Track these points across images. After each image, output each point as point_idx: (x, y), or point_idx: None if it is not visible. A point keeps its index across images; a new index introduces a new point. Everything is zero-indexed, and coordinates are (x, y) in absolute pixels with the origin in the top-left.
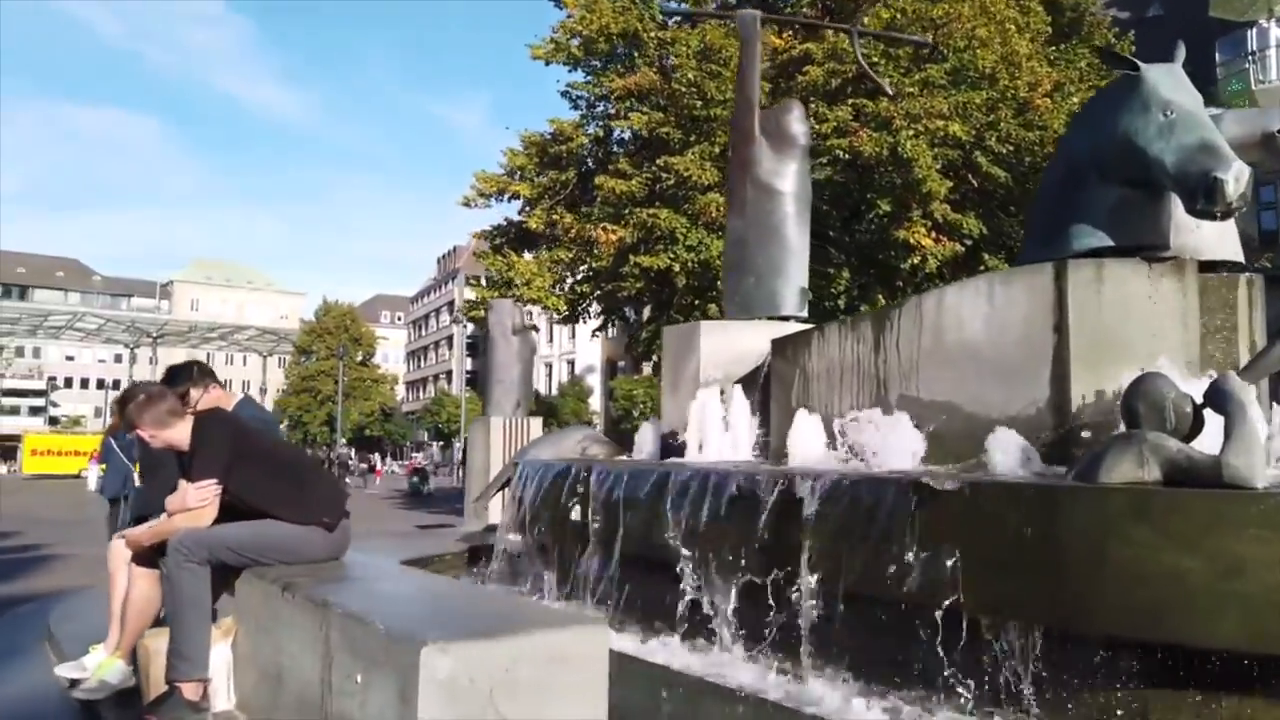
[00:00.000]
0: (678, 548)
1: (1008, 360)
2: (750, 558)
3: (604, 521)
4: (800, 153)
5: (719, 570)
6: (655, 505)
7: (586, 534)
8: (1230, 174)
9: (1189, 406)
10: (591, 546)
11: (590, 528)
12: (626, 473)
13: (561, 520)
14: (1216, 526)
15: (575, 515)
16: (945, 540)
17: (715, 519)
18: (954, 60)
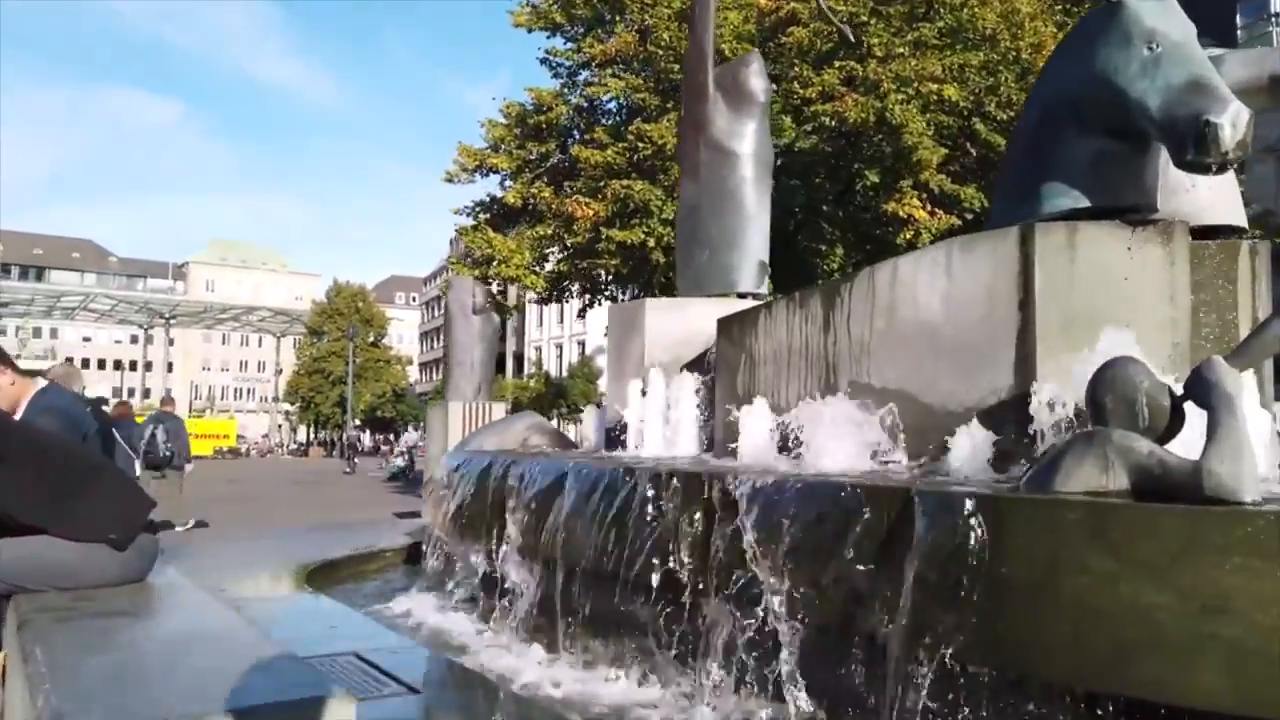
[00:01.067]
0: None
1: (967, 341)
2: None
3: (525, 523)
4: (760, 110)
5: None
6: (548, 506)
7: (505, 535)
8: (1226, 117)
9: (1166, 399)
10: (507, 550)
11: (507, 530)
12: (539, 469)
13: (480, 519)
14: (1192, 552)
15: (497, 513)
16: (869, 558)
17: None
18: (949, 19)
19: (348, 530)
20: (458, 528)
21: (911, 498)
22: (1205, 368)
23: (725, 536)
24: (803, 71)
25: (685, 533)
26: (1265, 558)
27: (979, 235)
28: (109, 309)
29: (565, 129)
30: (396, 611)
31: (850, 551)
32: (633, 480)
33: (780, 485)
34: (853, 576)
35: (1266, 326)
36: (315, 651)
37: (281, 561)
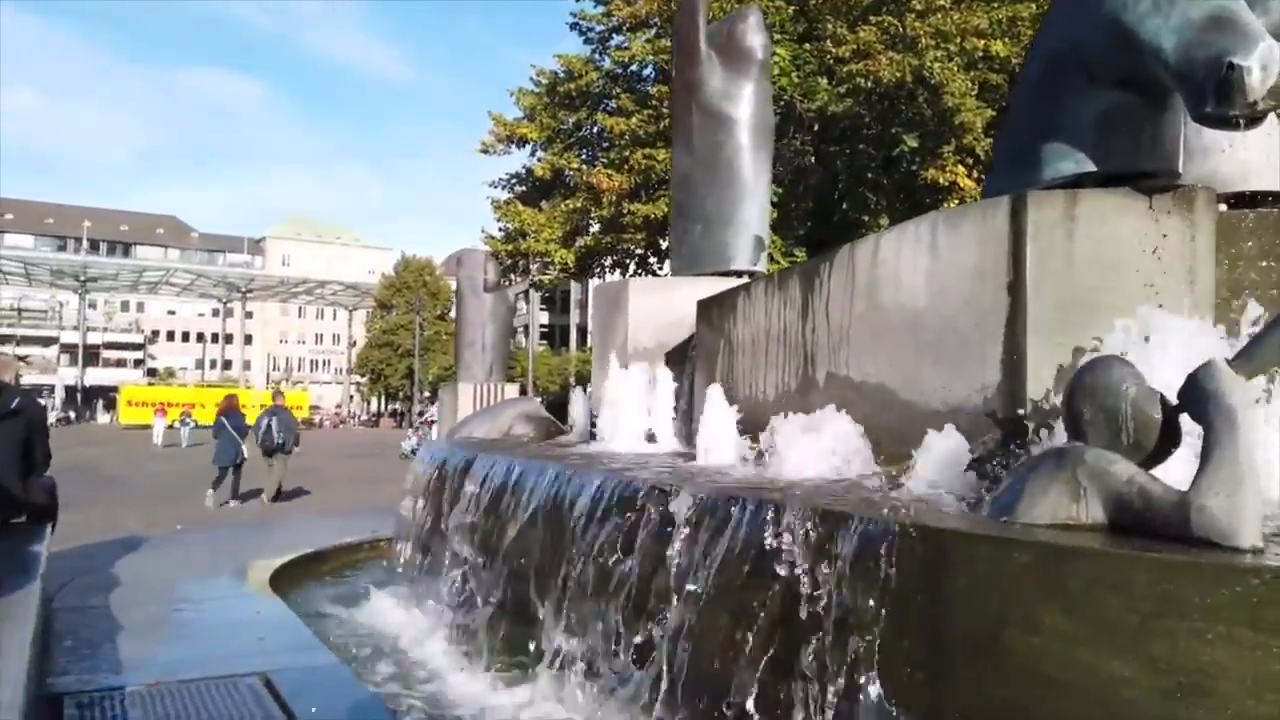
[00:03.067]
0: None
1: (952, 330)
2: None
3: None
4: (758, 70)
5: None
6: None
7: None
8: (1254, 59)
9: (1157, 411)
10: (460, 550)
11: (464, 528)
12: (495, 466)
13: (436, 515)
14: (1168, 614)
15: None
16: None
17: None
18: None
19: (348, 518)
20: (421, 521)
21: (838, 523)
22: (1204, 374)
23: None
24: (836, 29)
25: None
26: (1259, 628)
27: (968, 207)
28: (189, 283)
29: (597, 97)
30: (358, 613)
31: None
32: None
33: (702, 504)
34: (769, 609)
35: (1277, 325)
36: (222, 671)
37: (263, 553)
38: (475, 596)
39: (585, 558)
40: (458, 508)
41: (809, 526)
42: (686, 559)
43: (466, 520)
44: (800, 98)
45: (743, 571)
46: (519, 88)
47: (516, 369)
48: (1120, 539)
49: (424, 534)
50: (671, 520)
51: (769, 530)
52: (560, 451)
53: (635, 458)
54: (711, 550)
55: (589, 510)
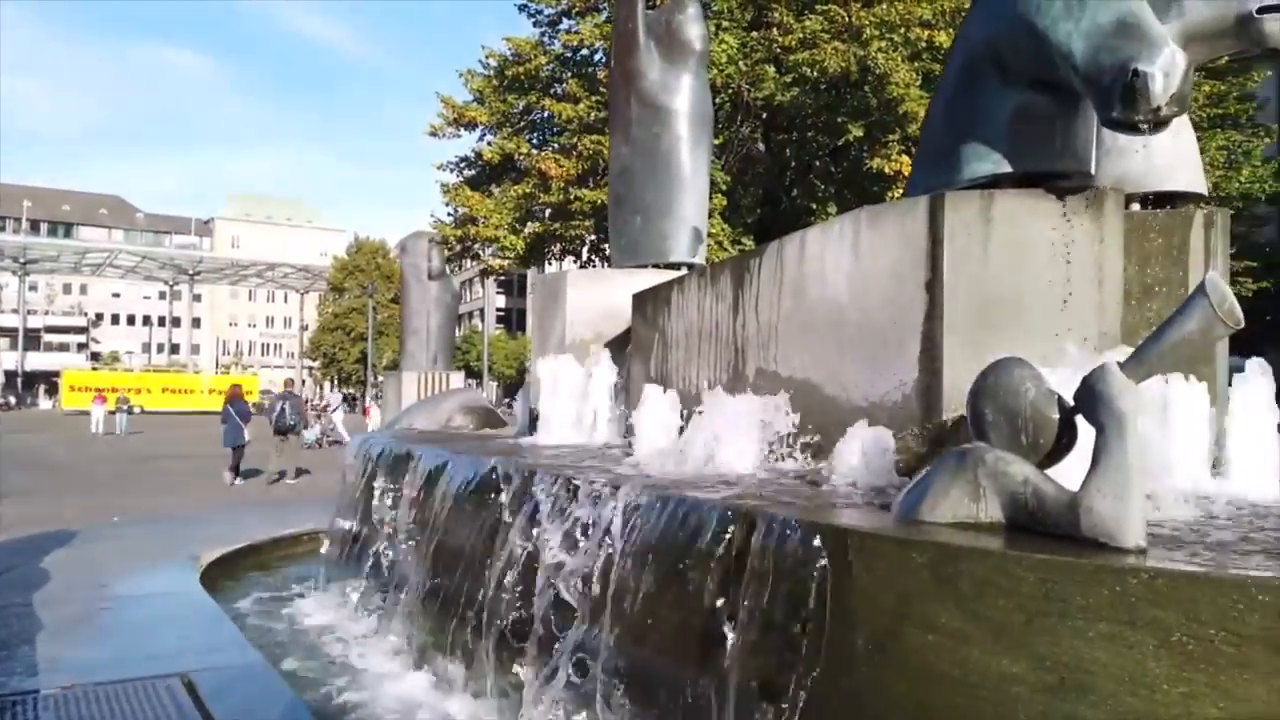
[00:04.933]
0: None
1: (873, 327)
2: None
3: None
4: (696, 61)
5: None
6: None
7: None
8: (1158, 65)
9: (1055, 411)
10: (390, 541)
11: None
12: (423, 459)
13: (366, 506)
14: (1050, 613)
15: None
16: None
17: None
18: None
19: (285, 509)
20: (351, 511)
21: (753, 521)
22: (1097, 377)
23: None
24: (784, 18)
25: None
26: (1136, 626)
27: (889, 206)
28: (134, 265)
29: (546, 81)
30: (288, 608)
31: (691, 578)
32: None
33: (623, 505)
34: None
35: (1169, 328)
36: (141, 673)
37: (193, 546)
38: (398, 585)
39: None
40: (375, 499)
41: (721, 525)
42: (613, 555)
43: (383, 510)
44: (748, 86)
45: (663, 567)
46: (468, 70)
47: (472, 353)
48: (1014, 539)
49: (352, 525)
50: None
51: (682, 527)
52: (487, 445)
53: (561, 450)
54: (633, 548)
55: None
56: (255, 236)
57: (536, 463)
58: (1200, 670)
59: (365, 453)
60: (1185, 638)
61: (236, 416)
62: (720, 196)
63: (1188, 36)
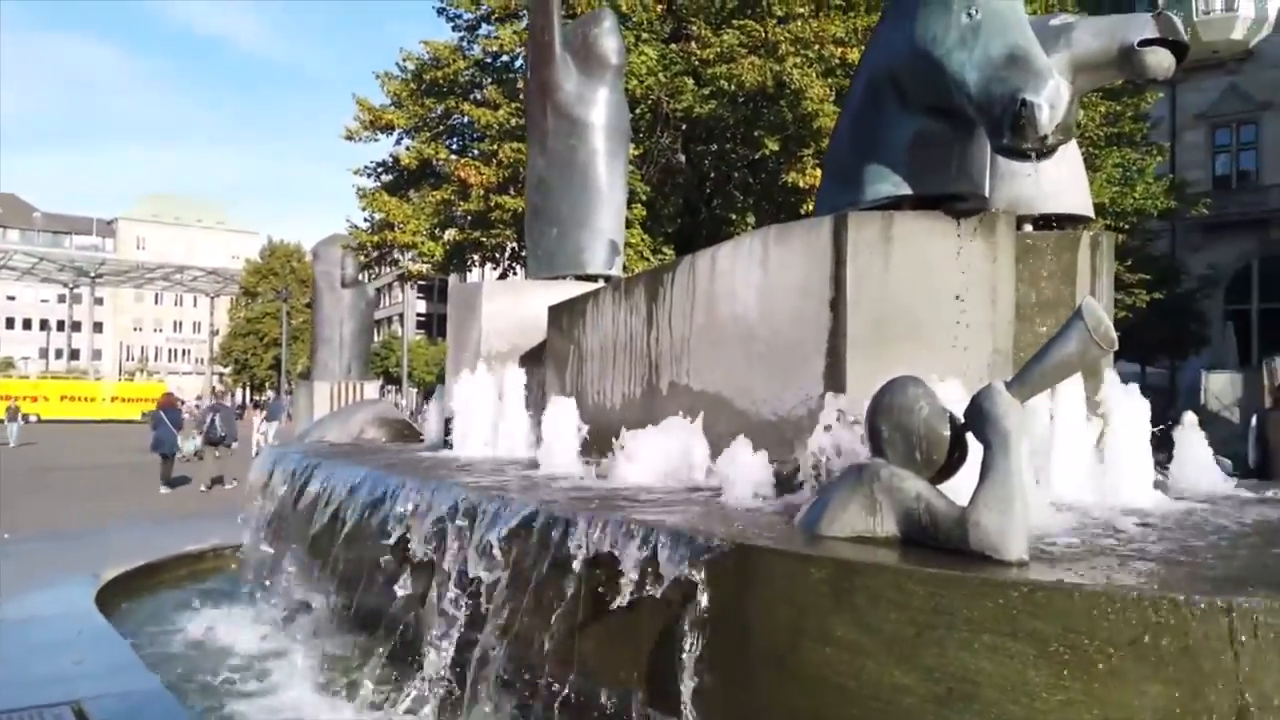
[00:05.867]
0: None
1: (781, 343)
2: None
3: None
4: (613, 74)
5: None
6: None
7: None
8: (1044, 96)
9: (946, 428)
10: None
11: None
12: (328, 474)
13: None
14: (938, 626)
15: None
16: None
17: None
18: None
19: (186, 523)
20: (260, 528)
21: (655, 537)
22: (984, 397)
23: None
24: (702, 31)
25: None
26: (1018, 637)
27: (796, 224)
28: (31, 266)
29: (465, 86)
30: (190, 627)
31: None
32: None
33: (494, 515)
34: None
35: (1049, 349)
36: (28, 701)
37: (91, 563)
38: (307, 604)
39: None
40: (283, 515)
41: (620, 540)
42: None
43: (291, 527)
44: (667, 98)
45: (556, 580)
46: (385, 72)
47: (391, 359)
48: (907, 553)
49: (261, 543)
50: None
51: (574, 542)
52: (392, 458)
53: (472, 464)
54: (523, 565)
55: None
56: (163, 238)
57: (443, 479)
58: (1076, 679)
59: (274, 467)
60: (1062, 648)
61: (169, 424)
62: (640, 207)
63: (1077, 66)
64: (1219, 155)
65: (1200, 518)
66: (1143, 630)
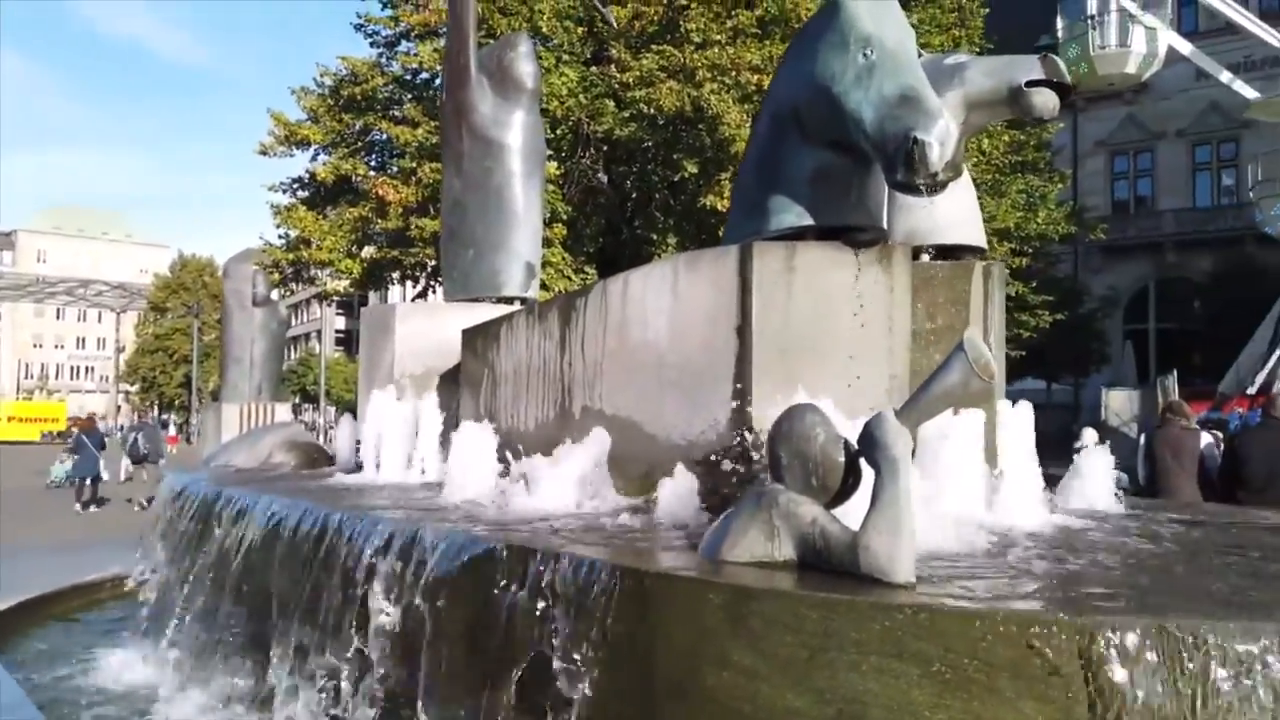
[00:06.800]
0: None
1: (691, 369)
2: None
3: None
4: (528, 98)
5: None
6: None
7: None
8: (934, 134)
9: (841, 454)
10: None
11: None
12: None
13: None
14: (829, 649)
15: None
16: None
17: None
18: (771, 7)
19: (83, 553)
20: (160, 557)
21: (557, 561)
22: (875, 424)
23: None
24: (622, 55)
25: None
26: (903, 658)
27: (704, 253)
28: None
29: (384, 102)
30: (88, 663)
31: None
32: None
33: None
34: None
35: (934, 379)
36: None
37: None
38: (209, 636)
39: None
40: (184, 544)
41: (524, 565)
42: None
43: (192, 558)
44: (588, 119)
45: (464, 608)
46: (301, 87)
47: (309, 377)
48: (803, 577)
49: (161, 572)
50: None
51: (486, 568)
52: (307, 485)
53: (385, 489)
54: (414, 584)
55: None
56: (66, 251)
57: (355, 504)
58: (957, 697)
59: (177, 494)
60: (943, 667)
61: (92, 446)
62: (561, 226)
63: (970, 104)
64: (1118, 181)
65: (1081, 536)
66: (1017, 649)
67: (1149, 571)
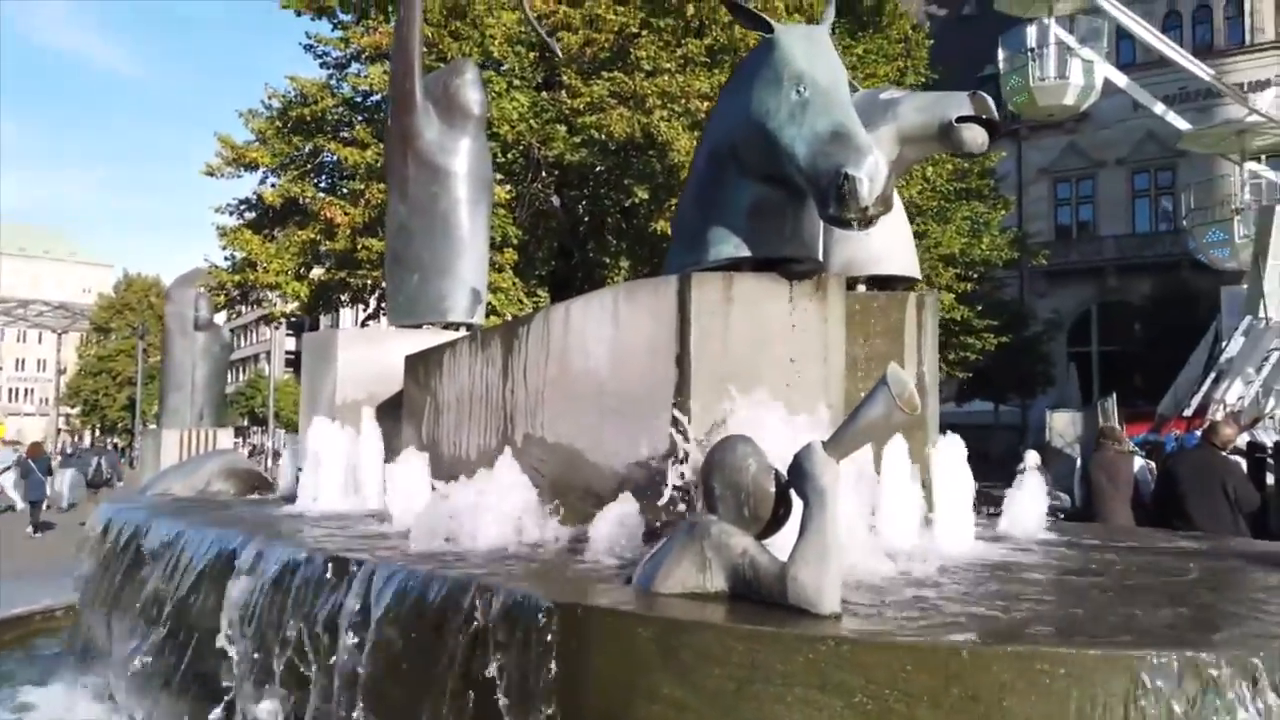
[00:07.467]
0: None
1: (630, 397)
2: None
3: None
4: (475, 125)
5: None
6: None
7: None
8: (864, 170)
9: (772, 485)
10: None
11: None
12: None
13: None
14: (756, 681)
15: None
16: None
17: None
18: (721, 37)
19: (20, 582)
20: (92, 591)
21: (490, 595)
22: (803, 455)
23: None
24: (572, 80)
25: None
26: (826, 690)
27: (644, 283)
28: None
29: (334, 124)
30: (15, 701)
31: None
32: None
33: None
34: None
35: (859, 412)
36: None
37: None
38: (144, 672)
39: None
40: (119, 578)
41: (457, 600)
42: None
43: (128, 591)
44: (539, 144)
45: (399, 644)
46: (248, 110)
47: (257, 399)
48: (734, 609)
49: (93, 605)
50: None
51: (417, 603)
52: (247, 515)
53: (324, 519)
54: (361, 621)
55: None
56: (5, 269)
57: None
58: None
59: (110, 525)
60: (865, 699)
61: (38, 472)
62: (513, 251)
63: (903, 138)
64: (1061, 207)
65: (1006, 565)
66: (936, 679)
67: (1065, 599)
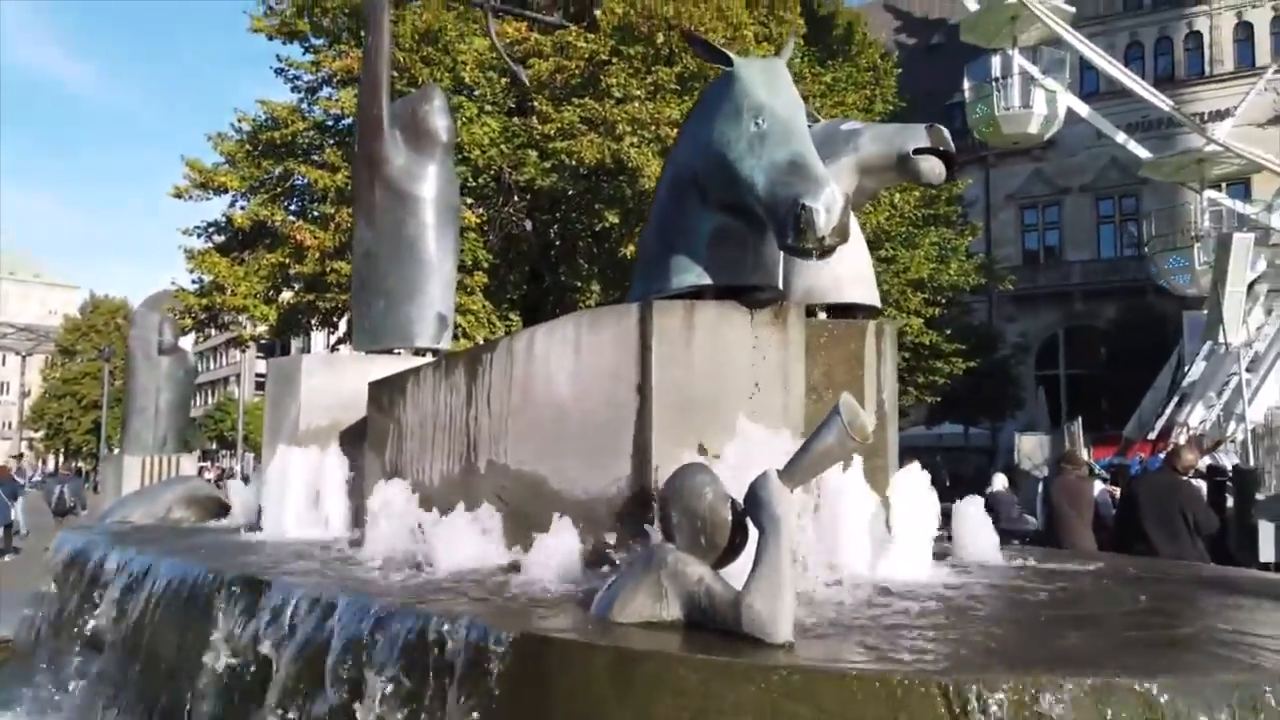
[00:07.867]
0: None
1: (593, 425)
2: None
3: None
4: (442, 151)
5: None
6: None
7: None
8: (821, 201)
9: (728, 513)
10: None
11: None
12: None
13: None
14: (709, 711)
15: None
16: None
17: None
18: (691, 64)
19: None
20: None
21: (445, 624)
22: (759, 483)
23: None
24: (543, 106)
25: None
26: (778, 719)
27: (606, 310)
28: None
29: (305, 148)
30: None
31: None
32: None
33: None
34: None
35: (813, 441)
36: None
37: None
38: (106, 703)
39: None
40: (77, 606)
41: (411, 628)
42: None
43: (70, 616)
44: (510, 168)
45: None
46: (217, 133)
47: (226, 422)
48: (689, 638)
49: (51, 632)
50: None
51: (373, 631)
52: (208, 542)
53: (286, 547)
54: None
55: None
56: None
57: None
58: None
59: (67, 553)
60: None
61: (4, 496)
62: (483, 274)
63: (862, 168)
64: (1028, 233)
65: (961, 592)
66: (886, 709)
67: (1018, 628)
